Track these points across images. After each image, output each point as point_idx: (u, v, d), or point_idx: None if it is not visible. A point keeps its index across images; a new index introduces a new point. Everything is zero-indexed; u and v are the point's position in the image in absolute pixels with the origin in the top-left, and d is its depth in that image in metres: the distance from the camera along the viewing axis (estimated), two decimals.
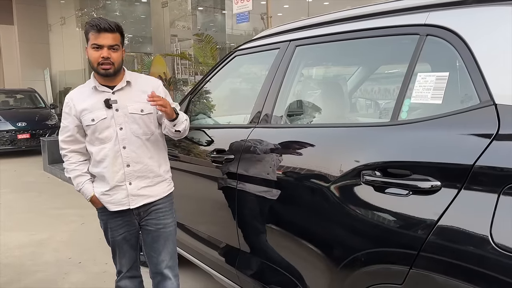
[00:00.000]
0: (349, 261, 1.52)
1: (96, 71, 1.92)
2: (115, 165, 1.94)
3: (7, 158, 9.19)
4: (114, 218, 2.03)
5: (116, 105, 1.93)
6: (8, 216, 4.88)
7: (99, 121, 1.91)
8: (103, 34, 1.85)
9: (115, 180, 1.95)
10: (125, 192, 1.96)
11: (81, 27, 13.87)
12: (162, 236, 2.07)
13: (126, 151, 1.94)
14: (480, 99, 1.28)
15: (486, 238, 1.14)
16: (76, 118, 1.96)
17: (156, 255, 2.09)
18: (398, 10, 1.65)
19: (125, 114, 1.94)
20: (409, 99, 1.50)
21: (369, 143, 1.56)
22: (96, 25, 1.85)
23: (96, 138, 1.94)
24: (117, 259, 2.15)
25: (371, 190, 1.45)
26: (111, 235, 2.07)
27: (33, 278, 3.23)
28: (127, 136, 1.94)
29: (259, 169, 2.03)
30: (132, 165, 1.95)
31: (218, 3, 10.72)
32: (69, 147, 2.02)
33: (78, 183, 2.01)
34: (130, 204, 1.98)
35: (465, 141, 1.28)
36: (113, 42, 1.87)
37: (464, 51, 1.36)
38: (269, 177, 1.95)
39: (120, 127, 1.93)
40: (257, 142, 2.07)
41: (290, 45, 2.13)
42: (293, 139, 1.93)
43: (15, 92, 11.66)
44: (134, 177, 1.97)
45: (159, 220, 2.06)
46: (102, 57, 1.86)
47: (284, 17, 8.77)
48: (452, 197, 1.24)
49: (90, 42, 1.88)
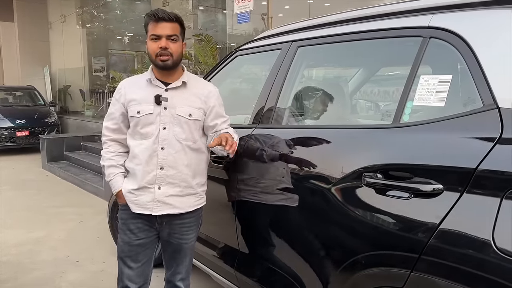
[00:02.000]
0: (349, 263, 1.52)
1: (155, 63, 1.84)
2: (148, 165, 1.84)
3: (5, 155, 9.17)
4: (136, 219, 1.91)
5: (166, 103, 1.84)
6: (5, 213, 4.86)
7: (144, 115, 1.83)
8: (161, 24, 1.79)
9: (145, 180, 1.85)
10: (152, 195, 1.85)
11: (82, 25, 13.85)
12: (182, 250, 1.99)
13: (164, 153, 1.84)
14: (483, 102, 1.28)
15: (488, 242, 1.13)
16: (123, 106, 1.88)
17: (175, 266, 2.02)
18: (401, 12, 1.64)
19: (172, 115, 1.84)
20: (411, 101, 1.49)
21: (371, 145, 1.55)
22: (154, 14, 1.79)
23: (137, 132, 1.86)
24: (125, 272, 1.94)
25: (373, 193, 1.44)
26: (127, 238, 1.92)
27: (30, 276, 3.21)
28: (169, 137, 1.84)
29: (260, 169, 2.02)
30: (166, 169, 1.84)
31: (219, 3, 10.73)
32: (111, 135, 1.94)
33: (110, 173, 1.93)
34: (153, 210, 1.86)
35: (468, 145, 1.28)
36: (171, 32, 1.80)
37: (468, 54, 1.36)
38: (270, 178, 1.94)
39: (163, 127, 1.84)
40: (258, 142, 2.06)
41: (292, 45, 2.12)
42: (294, 139, 1.92)
43: (15, 89, 11.64)
44: (165, 182, 1.85)
45: (183, 235, 1.96)
46: (160, 48, 1.79)
47: (284, 17, 8.77)
48: (454, 200, 1.23)
49: (149, 33, 1.82)
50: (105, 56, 13.39)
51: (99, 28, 14.01)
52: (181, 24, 1.85)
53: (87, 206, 5.20)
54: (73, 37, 13.86)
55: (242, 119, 2.58)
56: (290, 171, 1.84)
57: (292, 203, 1.81)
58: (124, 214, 1.95)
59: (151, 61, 1.87)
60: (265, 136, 2.06)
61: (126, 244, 1.93)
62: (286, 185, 1.85)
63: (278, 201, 1.89)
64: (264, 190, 1.97)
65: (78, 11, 13.75)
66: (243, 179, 2.10)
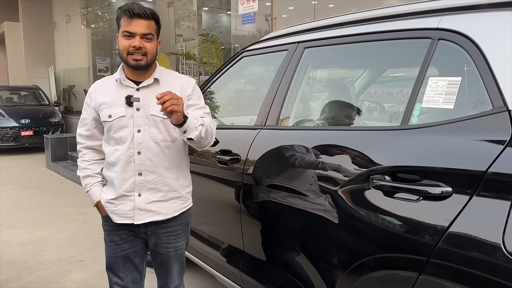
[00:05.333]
0: (357, 266, 1.51)
1: (126, 62, 1.70)
2: (125, 172, 1.72)
3: (10, 154, 9.20)
4: (119, 230, 1.80)
5: (138, 103, 1.70)
6: (10, 213, 4.87)
7: (116, 118, 1.71)
8: (135, 21, 1.65)
9: (122, 188, 1.73)
10: (132, 203, 1.74)
11: (86, 25, 13.89)
12: (172, 259, 1.87)
13: (141, 157, 1.71)
14: (493, 104, 1.27)
15: (498, 246, 1.12)
16: (95, 110, 1.77)
17: (165, 276, 1.92)
18: (410, 13, 1.64)
19: (145, 115, 1.71)
20: (420, 103, 1.49)
21: (379, 147, 1.55)
22: (129, 9, 1.64)
23: (111, 137, 1.74)
24: (115, 281, 1.85)
25: (380, 195, 1.43)
26: (112, 250, 1.82)
27: (34, 275, 3.22)
28: (144, 140, 1.71)
29: (265, 170, 2.01)
30: (144, 174, 1.72)
31: (224, 4, 10.73)
32: (85, 142, 1.83)
33: (86, 184, 1.83)
34: (135, 219, 1.74)
35: (477, 147, 1.27)
36: (146, 31, 1.66)
37: (477, 56, 1.35)
38: (276, 179, 1.94)
39: (138, 129, 1.71)
40: (264, 143, 2.05)
41: (298, 47, 2.11)
42: (300, 141, 1.91)
43: (19, 89, 11.69)
44: (145, 189, 1.74)
45: (170, 243, 1.84)
46: (133, 47, 1.65)
47: (289, 18, 8.75)
48: (464, 203, 1.22)
49: (121, 29, 1.68)
50: (110, 56, 13.42)
51: (104, 28, 14.04)
52: (157, 21, 1.71)
53: (91, 206, 5.14)
54: (78, 37, 13.90)
55: (248, 120, 2.58)
56: (297, 173, 1.83)
57: (299, 204, 1.80)
58: (106, 226, 1.84)
59: (122, 59, 1.72)
60: (271, 137, 2.06)
61: (111, 256, 1.83)
62: (292, 186, 1.84)
63: (284, 202, 1.89)
64: (270, 191, 1.97)
65: (83, 11, 13.79)
66: (249, 179, 2.10)
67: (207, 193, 2.51)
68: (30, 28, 14.73)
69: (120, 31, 1.69)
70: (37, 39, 14.78)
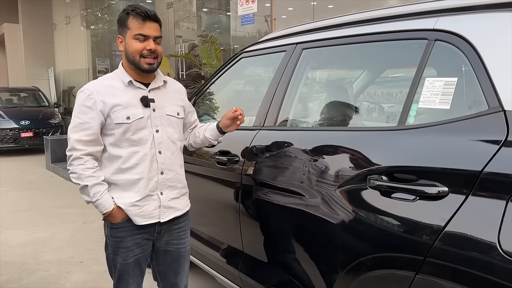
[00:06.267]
0: (355, 265, 1.52)
1: (137, 64, 1.68)
2: (150, 171, 1.73)
3: (10, 156, 9.22)
4: (135, 234, 1.76)
5: (153, 104, 1.74)
6: (10, 214, 4.88)
7: (136, 120, 1.69)
8: (149, 24, 1.65)
9: (148, 188, 1.73)
10: (156, 202, 1.75)
11: (86, 26, 13.90)
12: (182, 256, 1.90)
13: (162, 156, 1.75)
14: (488, 105, 1.28)
15: (493, 245, 1.13)
16: (102, 114, 1.67)
17: (174, 276, 1.91)
18: (406, 14, 1.65)
19: (162, 116, 1.76)
20: (416, 104, 1.50)
21: (376, 147, 1.56)
22: (142, 12, 1.63)
23: (127, 139, 1.69)
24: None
25: (378, 195, 1.44)
26: (124, 257, 1.76)
27: (34, 276, 3.23)
28: (164, 139, 1.76)
29: (264, 171, 2.02)
30: (165, 173, 1.76)
31: (223, 5, 10.74)
32: (86, 148, 1.68)
33: (96, 193, 1.69)
34: (160, 217, 1.76)
35: (473, 147, 1.28)
36: (158, 34, 1.68)
37: (473, 57, 1.36)
38: (274, 180, 1.95)
39: (156, 129, 1.74)
40: (262, 144, 2.06)
41: (297, 48, 2.12)
42: (298, 141, 1.92)
43: (19, 90, 11.72)
44: (166, 187, 1.77)
45: (180, 239, 1.88)
46: (148, 50, 1.65)
47: (288, 19, 8.76)
48: (460, 203, 1.23)
49: (132, 32, 1.65)
50: (109, 57, 13.43)
51: (103, 30, 14.05)
52: (160, 24, 1.74)
53: (90, 207, 5.16)
54: (78, 38, 13.92)
55: (247, 120, 2.59)
56: (295, 173, 1.84)
57: (297, 205, 1.81)
58: (121, 232, 1.75)
59: (132, 62, 1.70)
60: (269, 137, 2.07)
61: (123, 262, 1.77)
62: (291, 187, 1.85)
63: (282, 203, 1.90)
64: (269, 191, 1.97)
65: (83, 13, 13.81)
66: (248, 180, 2.11)
67: (206, 194, 2.51)
68: (30, 30, 14.75)
69: (129, 34, 1.67)
70: (37, 40, 14.80)
